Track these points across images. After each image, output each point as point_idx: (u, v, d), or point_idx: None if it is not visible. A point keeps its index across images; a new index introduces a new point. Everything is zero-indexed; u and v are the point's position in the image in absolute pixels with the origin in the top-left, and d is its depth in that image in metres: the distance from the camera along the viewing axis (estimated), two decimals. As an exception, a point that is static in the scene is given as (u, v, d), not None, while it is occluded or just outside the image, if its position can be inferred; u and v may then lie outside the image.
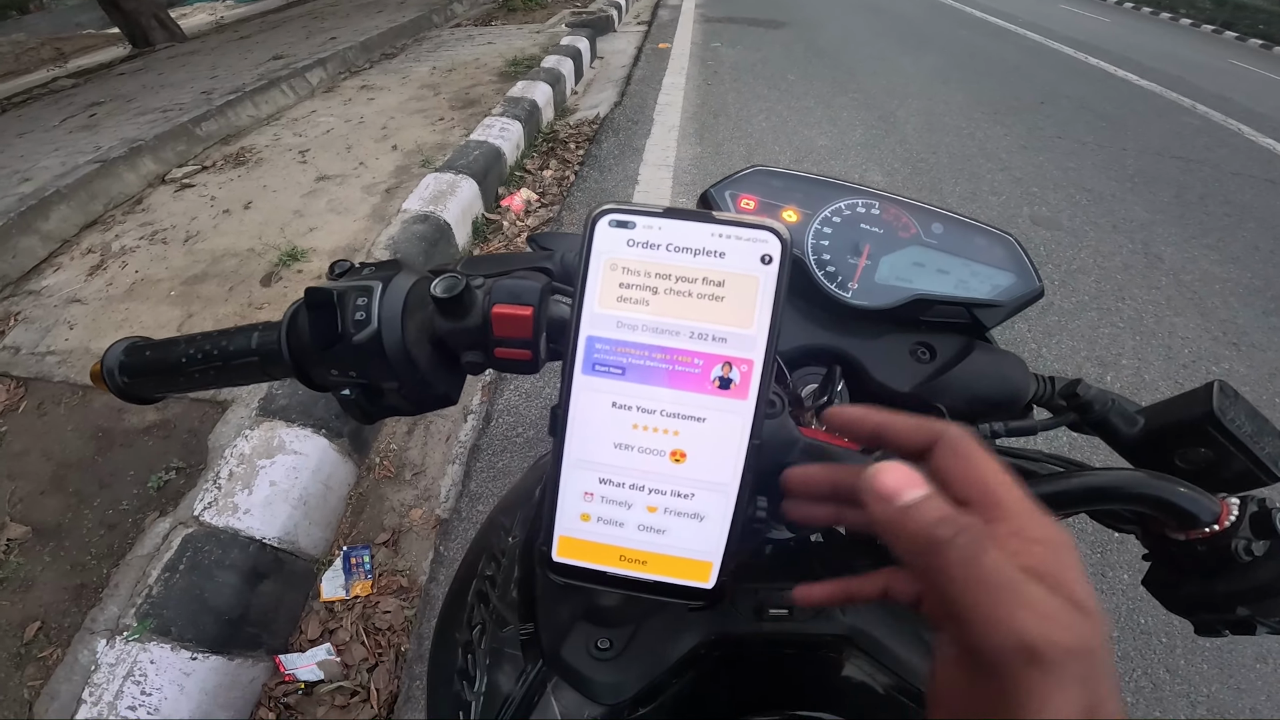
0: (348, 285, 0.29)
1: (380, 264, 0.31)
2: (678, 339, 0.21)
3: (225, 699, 1.06)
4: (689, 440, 0.22)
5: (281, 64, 3.71)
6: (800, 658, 0.35)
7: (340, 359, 0.29)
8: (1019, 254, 0.37)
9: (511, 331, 0.28)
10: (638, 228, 0.21)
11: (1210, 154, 3.49)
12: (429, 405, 0.32)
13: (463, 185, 2.30)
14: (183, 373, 0.34)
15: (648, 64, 4.44)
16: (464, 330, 0.29)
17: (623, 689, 0.34)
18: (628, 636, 0.36)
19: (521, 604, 0.41)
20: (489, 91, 3.42)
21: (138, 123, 2.91)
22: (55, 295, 1.96)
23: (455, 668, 0.40)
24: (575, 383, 0.22)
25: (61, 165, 2.48)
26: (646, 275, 0.21)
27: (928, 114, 3.82)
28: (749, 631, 0.35)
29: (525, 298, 0.28)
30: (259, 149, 2.87)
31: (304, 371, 0.31)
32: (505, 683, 0.37)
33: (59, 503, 1.33)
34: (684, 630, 0.35)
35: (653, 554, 0.23)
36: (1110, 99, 4.41)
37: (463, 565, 0.48)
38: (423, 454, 1.58)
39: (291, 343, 0.30)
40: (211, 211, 2.35)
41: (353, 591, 1.26)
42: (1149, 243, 2.53)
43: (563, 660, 0.35)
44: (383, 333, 0.28)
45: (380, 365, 0.29)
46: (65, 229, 2.26)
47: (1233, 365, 1.91)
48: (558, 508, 0.23)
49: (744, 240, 0.21)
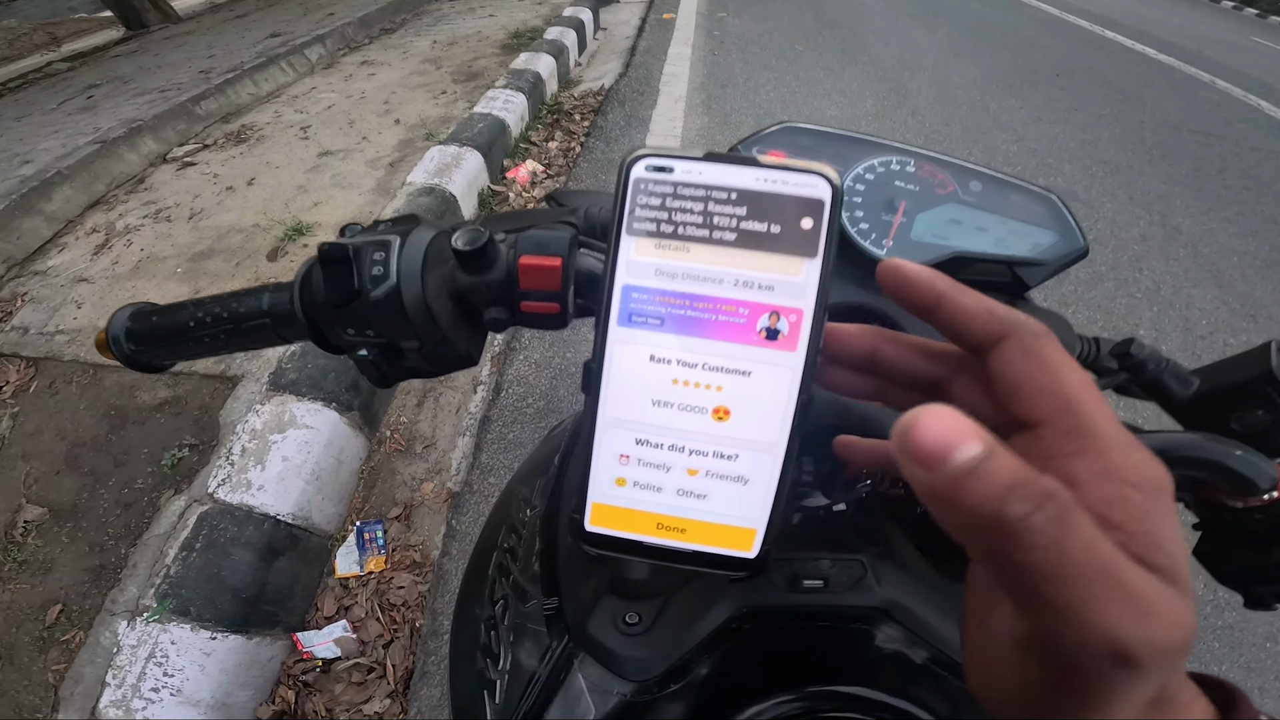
0: (364, 240, 0.27)
1: (397, 219, 0.30)
2: (721, 287, 0.20)
3: (245, 678, 1.07)
4: (733, 396, 0.20)
5: (279, 41, 3.66)
6: (834, 630, 0.34)
7: (357, 317, 0.27)
8: (1061, 212, 0.35)
9: (539, 284, 0.27)
10: (675, 172, 0.20)
11: (1229, 129, 3.42)
12: (450, 365, 0.30)
13: (467, 157, 2.28)
14: (191, 337, 0.32)
15: (652, 35, 4.35)
16: (487, 285, 0.28)
17: (652, 665, 0.33)
18: (656, 610, 0.35)
19: (544, 577, 0.40)
20: (491, 64, 3.37)
21: (136, 103, 2.89)
22: (61, 275, 1.96)
23: (478, 644, 0.39)
24: (610, 335, 0.20)
25: (62, 147, 2.47)
26: (686, 221, 0.20)
27: (940, 86, 3.74)
28: (782, 603, 0.34)
29: (554, 248, 0.27)
30: (260, 126, 2.85)
31: (319, 332, 0.30)
32: (530, 660, 0.36)
33: (74, 483, 1.34)
34: (714, 603, 0.34)
35: (692, 521, 0.21)
36: (1127, 72, 4.31)
37: (481, 538, 0.47)
38: (433, 426, 1.58)
39: (305, 302, 0.29)
40: (215, 189, 2.34)
41: (367, 567, 1.27)
42: (1167, 215, 2.49)
43: (589, 636, 0.34)
44: (402, 288, 0.27)
45: (399, 323, 0.27)
46: (69, 209, 2.26)
47: (1250, 337, 1.89)
48: (591, 472, 0.21)
49: (791, 185, 0.19)
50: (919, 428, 0.14)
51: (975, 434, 0.14)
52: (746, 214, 0.20)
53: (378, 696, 1.12)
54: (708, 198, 0.20)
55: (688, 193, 0.20)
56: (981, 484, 0.13)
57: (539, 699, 0.34)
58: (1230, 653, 1.17)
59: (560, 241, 0.27)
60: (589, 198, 0.39)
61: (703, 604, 0.34)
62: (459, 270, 0.28)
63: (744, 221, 0.20)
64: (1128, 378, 0.34)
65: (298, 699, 1.11)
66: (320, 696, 1.12)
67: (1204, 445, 0.28)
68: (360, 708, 1.10)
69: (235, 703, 1.06)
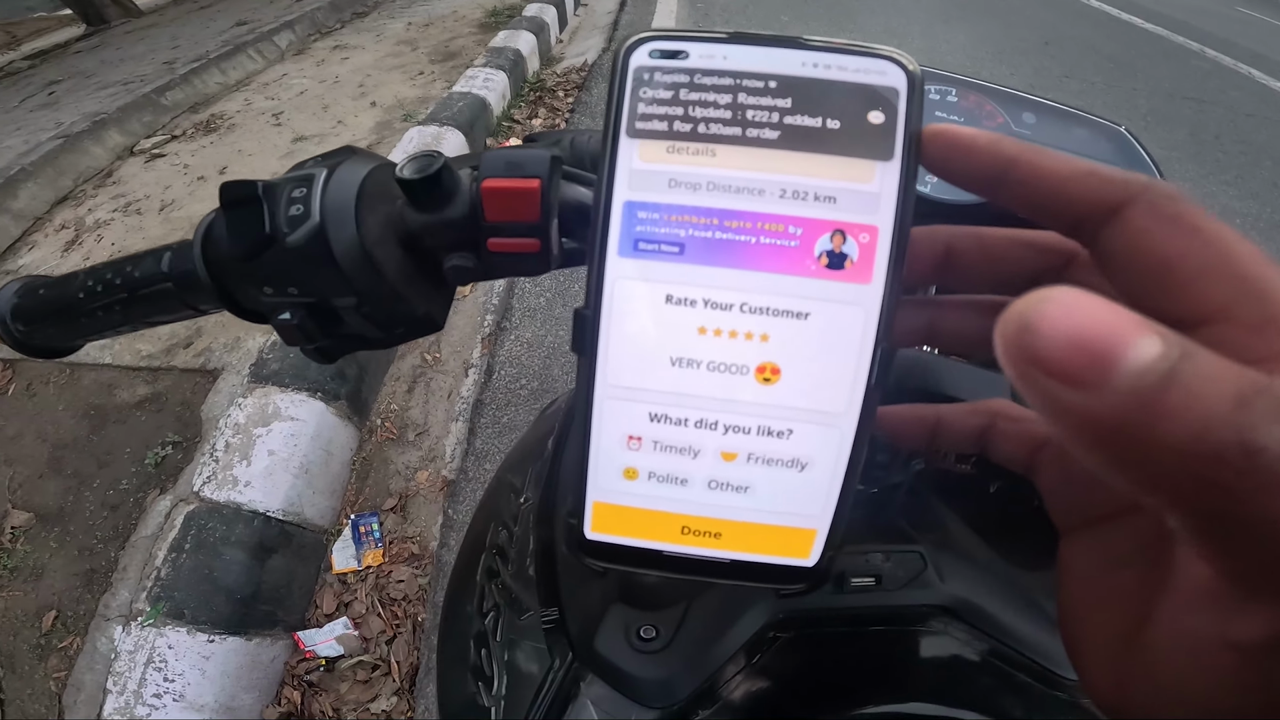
0: (280, 178, 0.22)
1: (328, 153, 0.24)
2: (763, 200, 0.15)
3: (248, 680, 1.05)
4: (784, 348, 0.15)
5: (246, 29, 3.55)
6: (891, 636, 0.28)
7: (273, 271, 0.22)
8: (1132, 146, 0.31)
9: (512, 213, 0.21)
10: (692, 58, 0.15)
11: (1223, 96, 3.43)
12: (406, 331, 0.25)
13: (448, 137, 2.23)
14: (84, 311, 0.27)
15: (634, 8, 4.26)
16: (445, 224, 0.22)
17: (675, 688, 0.28)
18: (676, 621, 0.29)
19: (541, 583, 0.34)
20: (470, 43, 3.28)
21: (99, 97, 2.81)
22: (33, 273, 1.90)
23: (468, 665, 0.34)
24: (610, 270, 0.15)
25: (25, 144, 2.39)
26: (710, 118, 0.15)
27: (930, 54, 3.72)
28: (827, 607, 0.28)
29: (530, 168, 0.21)
30: (230, 115, 2.77)
31: (229, 294, 0.24)
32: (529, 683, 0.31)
33: (59, 485, 1.31)
34: (746, 610, 0.28)
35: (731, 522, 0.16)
36: (1116, 41, 4.30)
37: (468, 537, 0.42)
38: (425, 413, 1.54)
39: (209, 257, 0.24)
40: (185, 179, 2.28)
41: (364, 561, 1.24)
42: (1167, 178, 2.50)
43: (597, 654, 0.29)
44: (327, 227, 0.21)
45: (328, 274, 0.22)
46: (36, 206, 2.19)
47: None
48: (590, 462, 0.16)
49: (851, 71, 0.15)
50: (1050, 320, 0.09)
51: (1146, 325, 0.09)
52: (792, 106, 0.15)
53: (384, 694, 1.10)
54: (738, 87, 0.15)
55: (710, 82, 0.15)
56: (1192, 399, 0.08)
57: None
58: None
59: (538, 160, 0.22)
60: (572, 132, 0.34)
61: (732, 612, 0.29)
62: (408, 208, 0.22)
63: (789, 116, 0.15)
64: None
65: (304, 699, 1.10)
66: (326, 696, 1.10)
67: None
68: (368, 706, 1.09)
69: (241, 705, 1.03)
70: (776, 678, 0.28)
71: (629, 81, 0.15)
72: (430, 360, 1.64)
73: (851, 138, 0.15)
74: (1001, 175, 0.14)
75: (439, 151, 0.22)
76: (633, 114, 0.15)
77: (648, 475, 0.16)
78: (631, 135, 0.15)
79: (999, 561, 0.29)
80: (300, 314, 0.23)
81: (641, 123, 0.15)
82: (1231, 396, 0.08)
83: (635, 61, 0.15)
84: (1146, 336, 0.09)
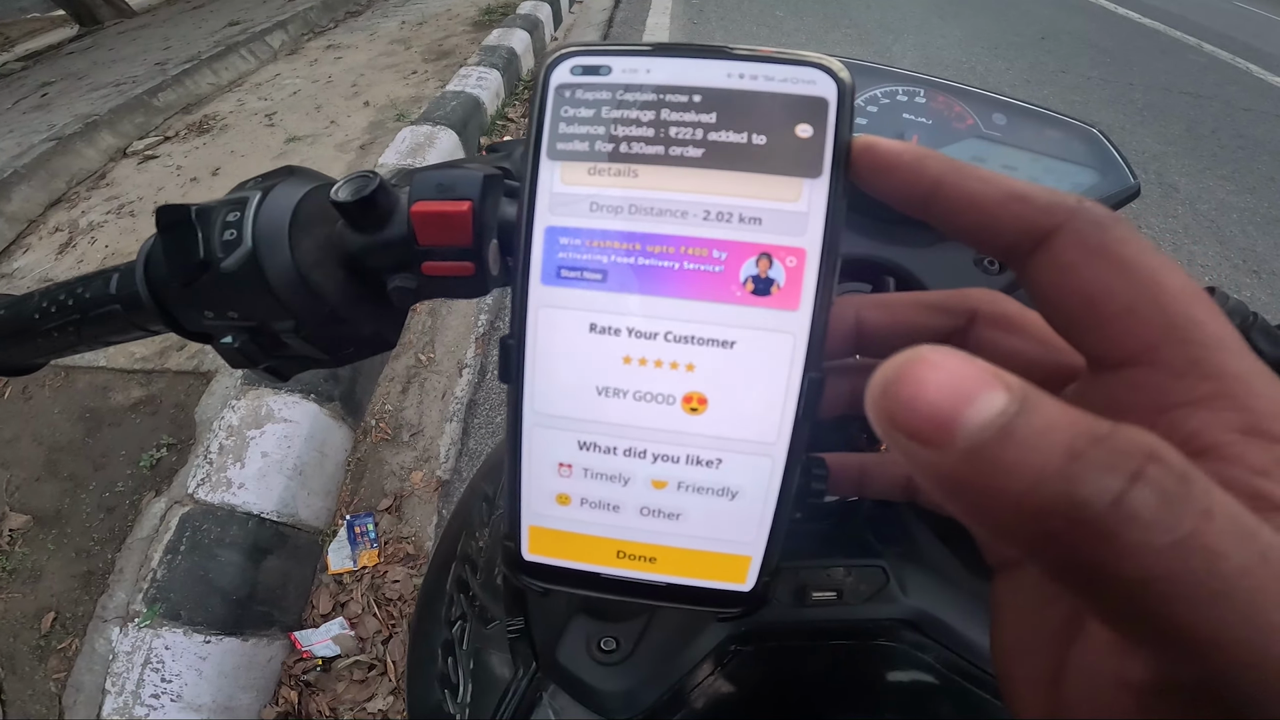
0: (215, 201, 0.22)
1: (268, 173, 0.24)
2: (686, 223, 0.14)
3: (246, 680, 1.05)
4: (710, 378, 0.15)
5: (238, 29, 3.54)
6: (852, 650, 0.28)
7: (211, 296, 0.22)
8: (1105, 147, 0.30)
9: (442, 236, 0.21)
10: (615, 73, 0.15)
11: (1220, 90, 3.41)
12: (356, 350, 0.25)
13: (441, 136, 2.22)
14: (40, 332, 0.27)
15: (629, 5, 4.25)
16: (384, 245, 0.22)
17: (636, 700, 0.28)
18: (637, 633, 0.29)
19: (508, 593, 0.34)
20: (463, 42, 3.26)
21: (91, 98, 2.80)
22: (28, 276, 1.90)
23: (436, 673, 0.34)
24: (533, 298, 0.15)
25: (17, 146, 2.39)
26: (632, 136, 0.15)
27: (925, 49, 3.71)
28: (788, 621, 0.28)
29: (460, 189, 0.21)
30: (223, 115, 2.76)
31: (171, 317, 0.24)
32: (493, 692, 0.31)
33: (55, 488, 1.31)
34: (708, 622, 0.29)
35: (665, 547, 0.16)
36: (1113, 35, 4.27)
37: (440, 546, 0.42)
38: (419, 413, 1.54)
39: (152, 280, 0.24)
40: (178, 181, 2.28)
41: (360, 562, 1.25)
42: (1162, 173, 2.49)
43: (560, 665, 0.29)
44: (260, 252, 0.21)
45: (264, 298, 0.22)
46: (29, 209, 2.18)
47: (1254, 293, 1.89)
48: (522, 487, 0.16)
49: (779, 81, 0.14)
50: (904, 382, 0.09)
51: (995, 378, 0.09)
52: (717, 121, 0.14)
53: (380, 694, 1.10)
54: (660, 103, 0.14)
55: (632, 98, 0.14)
56: (1025, 452, 0.08)
57: None
58: None
59: (469, 181, 0.21)
60: None
61: (693, 624, 0.29)
62: (347, 229, 0.22)
63: (714, 132, 0.14)
64: None
65: (301, 699, 1.10)
66: (323, 696, 1.10)
67: None
68: (364, 705, 1.09)
69: (239, 705, 1.04)
70: (737, 690, 0.28)
71: (549, 100, 0.15)
72: (424, 360, 1.64)
73: (778, 154, 0.14)
74: (928, 197, 0.13)
75: (374, 171, 0.22)
76: (554, 134, 0.15)
77: (580, 501, 0.16)
78: (552, 157, 0.15)
79: (965, 573, 0.29)
80: (242, 337, 0.23)
81: (563, 143, 0.15)
82: (1063, 449, 0.08)
83: (556, 79, 0.15)
84: (989, 393, 0.09)
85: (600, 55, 0.15)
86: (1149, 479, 0.08)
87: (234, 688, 1.03)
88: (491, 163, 0.27)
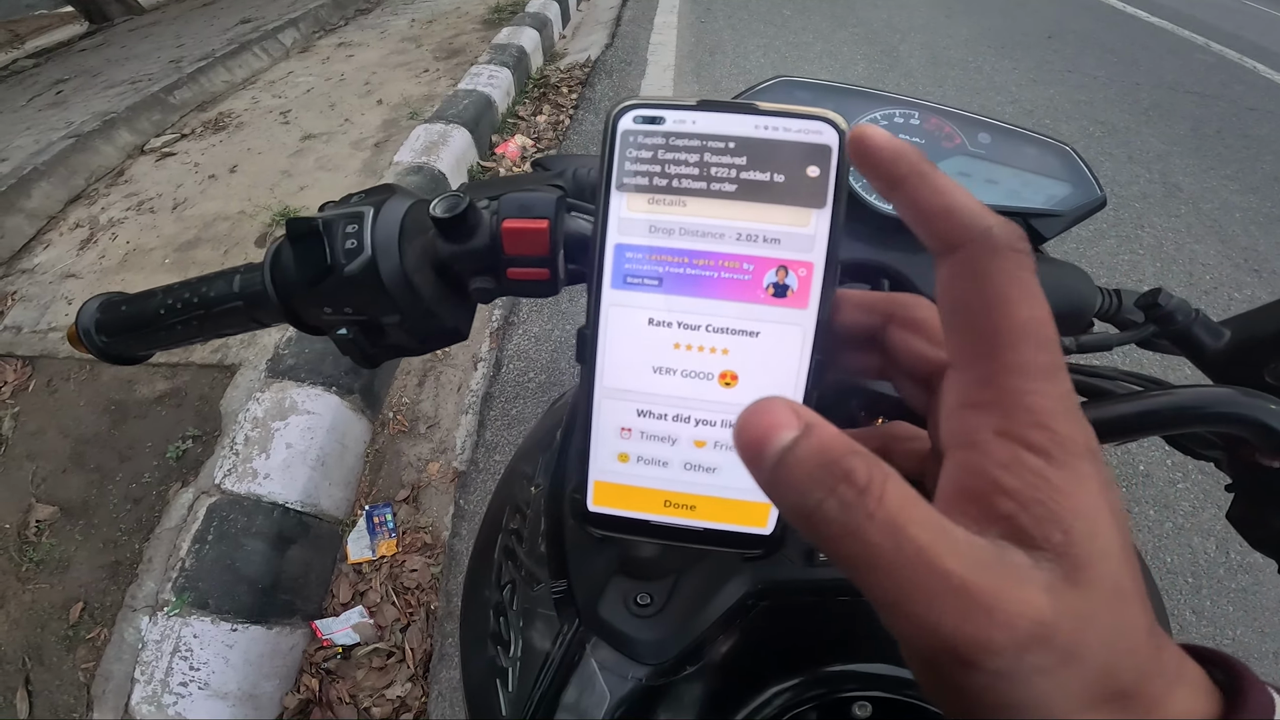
0: (335, 214, 0.26)
1: (370, 189, 0.28)
2: (722, 242, 0.19)
3: (269, 668, 1.08)
4: (741, 359, 0.19)
5: (251, 27, 3.56)
6: (855, 605, 0.32)
7: (333, 294, 0.27)
8: (1076, 163, 0.34)
9: (526, 248, 0.26)
10: (668, 122, 0.19)
11: (1226, 90, 3.39)
12: (437, 341, 0.29)
13: (454, 135, 2.24)
14: (163, 325, 0.31)
15: (637, 4, 4.24)
16: (470, 253, 0.27)
17: (666, 647, 0.32)
18: (668, 590, 0.34)
19: (551, 559, 0.39)
20: (473, 40, 3.28)
21: (107, 96, 2.83)
22: (49, 272, 1.93)
23: (488, 632, 0.39)
24: (605, 299, 0.19)
25: (35, 143, 2.42)
26: (681, 174, 0.19)
27: (931, 48, 3.70)
28: (798, 579, 0.33)
29: (539, 210, 0.26)
30: (238, 113, 2.79)
31: (294, 313, 0.28)
32: (541, 645, 0.36)
33: (82, 480, 1.33)
34: (728, 581, 0.33)
35: (702, 497, 0.20)
36: (1119, 34, 4.24)
37: (485, 521, 0.46)
38: (435, 405, 1.57)
39: (277, 281, 0.28)
40: (196, 178, 2.30)
41: (379, 551, 1.28)
42: (1167, 173, 2.49)
43: (600, 619, 0.34)
44: (378, 259, 0.26)
45: (378, 298, 0.26)
46: (50, 205, 2.22)
47: (1255, 291, 1.90)
48: (591, 448, 0.20)
49: (794, 132, 0.18)
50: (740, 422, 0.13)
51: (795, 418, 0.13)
52: (747, 163, 0.18)
53: (399, 681, 1.13)
54: (703, 148, 0.18)
55: (681, 144, 0.18)
56: (789, 472, 0.12)
57: (552, 685, 0.34)
58: (1245, 616, 1.18)
59: (545, 203, 0.26)
60: (576, 160, 0.38)
61: (716, 582, 0.33)
62: (440, 239, 0.27)
63: (744, 171, 0.18)
64: (1155, 330, 0.33)
65: (321, 686, 1.13)
66: (343, 683, 1.13)
67: (1239, 400, 0.26)
68: (383, 693, 1.12)
69: (262, 693, 1.07)
70: (755, 640, 0.32)
71: (617, 143, 0.19)
72: (440, 354, 1.67)
73: (793, 189, 0.18)
74: (890, 189, 0.16)
75: (463, 192, 0.26)
76: (620, 171, 0.19)
77: (636, 459, 0.20)
78: (619, 189, 0.19)
79: None
80: (355, 329, 0.27)
81: (628, 178, 0.19)
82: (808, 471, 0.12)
83: (622, 126, 0.19)
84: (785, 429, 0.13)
85: (656, 108, 0.19)
86: (838, 493, 0.12)
87: (258, 675, 1.06)
88: (548, 180, 0.31)
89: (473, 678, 0.39)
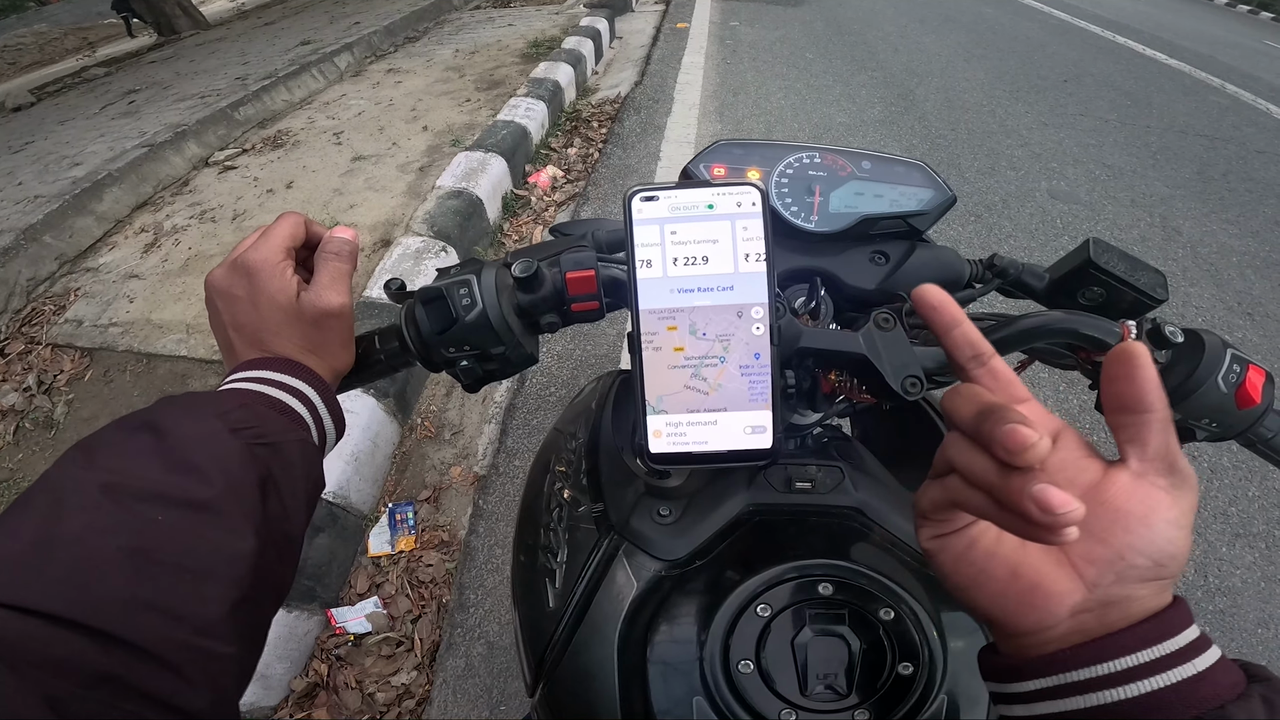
0: (449, 281, 0.37)
1: (464, 262, 0.39)
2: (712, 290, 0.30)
3: (283, 651, 1.14)
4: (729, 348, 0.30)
5: (310, 49, 3.77)
6: (820, 522, 0.43)
7: (456, 339, 0.37)
8: (931, 175, 0.45)
9: (583, 289, 0.38)
10: (660, 200, 0.30)
11: (1236, 132, 3.40)
12: (521, 365, 0.40)
13: (492, 163, 2.37)
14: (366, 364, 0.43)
15: (666, 43, 4.41)
16: (541, 299, 0.38)
17: (681, 548, 0.43)
18: (683, 507, 0.44)
19: (590, 489, 0.50)
20: (512, 73, 3.46)
21: (178, 108, 3.01)
22: (113, 271, 2.07)
23: (539, 544, 0.49)
24: (643, 321, 0.30)
25: (109, 150, 2.59)
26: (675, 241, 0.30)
27: (947, 91, 3.77)
28: (779, 501, 0.44)
29: (587, 263, 0.38)
30: (295, 132, 2.96)
31: (426, 356, 0.39)
32: (583, 550, 0.46)
33: (131, 463, 1.44)
34: (727, 500, 0.44)
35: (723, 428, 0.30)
36: (1137, 77, 4.27)
37: (534, 466, 0.58)
38: (460, 415, 1.67)
39: (411, 334, 0.38)
40: (255, 191, 2.44)
41: (398, 547, 1.35)
42: (1168, 217, 2.51)
43: (631, 528, 0.44)
44: (488, 310, 0.36)
45: (488, 337, 0.37)
46: (118, 210, 2.37)
47: (1246, 334, 1.92)
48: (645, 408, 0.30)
49: (733, 195, 0.29)
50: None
51: None
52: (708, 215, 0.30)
53: (405, 669, 1.18)
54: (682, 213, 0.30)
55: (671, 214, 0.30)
56: None
57: (593, 578, 0.44)
58: (1222, 638, 1.21)
59: (590, 258, 0.38)
60: (589, 224, 0.50)
61: (718, 501, 0.44)
62: (518, 291, 0.38)
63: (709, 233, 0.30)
64: (1000, 282, 0.45)
65: (330, 671, 1.18)
66: (351, 669, 1.18)
67: (1063, 318, 0.36)
68: (389, 679, 1.17)
69: (273, 675, 1.12)
70: (747, 543, 0.42)
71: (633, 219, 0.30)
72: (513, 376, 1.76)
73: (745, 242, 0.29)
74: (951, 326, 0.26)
75: (532, 258, 0.38)
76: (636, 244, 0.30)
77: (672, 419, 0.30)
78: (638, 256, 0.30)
79: (893, 480, 0.47)
80: (472, 361, 0.38)
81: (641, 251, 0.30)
82: None
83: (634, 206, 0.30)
84: None
85: (654, 190, 0.30)
86: None
87: (271, 656, 1.11)
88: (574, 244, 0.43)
89: (523, 577, 0.49)
